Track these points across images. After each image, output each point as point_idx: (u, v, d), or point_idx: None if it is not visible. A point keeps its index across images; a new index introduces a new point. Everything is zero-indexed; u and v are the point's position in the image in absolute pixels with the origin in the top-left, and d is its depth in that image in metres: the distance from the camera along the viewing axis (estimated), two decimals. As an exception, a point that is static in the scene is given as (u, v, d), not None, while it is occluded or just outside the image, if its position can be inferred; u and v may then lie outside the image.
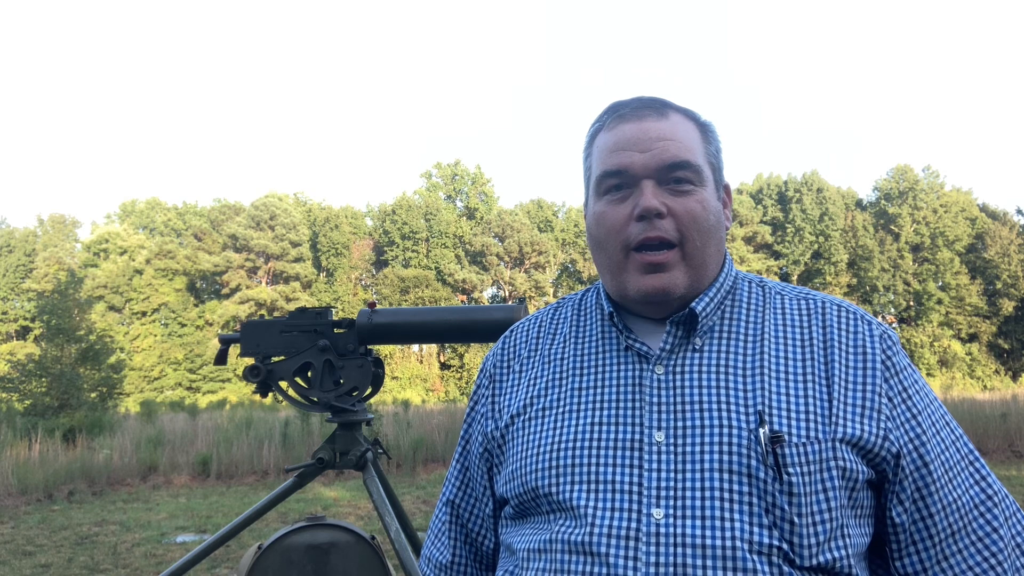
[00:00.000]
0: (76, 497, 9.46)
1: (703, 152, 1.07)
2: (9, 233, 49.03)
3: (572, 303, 1.20)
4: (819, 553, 0.92)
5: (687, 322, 1.04)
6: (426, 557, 1.25)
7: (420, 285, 44.79)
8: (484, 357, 1.25)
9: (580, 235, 49.97)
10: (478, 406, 1.19)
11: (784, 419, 0.95)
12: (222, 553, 5.98)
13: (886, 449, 0.97)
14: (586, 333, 1.13)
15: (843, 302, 1.09)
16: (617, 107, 1.10)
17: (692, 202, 1.03)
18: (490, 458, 1.13)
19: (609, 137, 1.08)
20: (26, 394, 14.85)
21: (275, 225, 47.39)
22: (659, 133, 1.04)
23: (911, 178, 47.66)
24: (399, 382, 41.64)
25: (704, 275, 1.05)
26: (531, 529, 1.03)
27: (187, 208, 52.96)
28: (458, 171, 52.75)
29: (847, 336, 1.03)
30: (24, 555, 6.35)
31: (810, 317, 1.06)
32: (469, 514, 1.20)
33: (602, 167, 1.07)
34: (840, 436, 0.95)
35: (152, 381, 44.46)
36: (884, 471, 0.98)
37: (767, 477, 0.92)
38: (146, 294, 46.60)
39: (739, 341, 1.03)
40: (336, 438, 2.84)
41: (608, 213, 1.06)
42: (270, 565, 2.50)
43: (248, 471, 11.02)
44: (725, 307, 1.07)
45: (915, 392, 1.02)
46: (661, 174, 1.03)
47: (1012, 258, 44.06)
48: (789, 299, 1.09)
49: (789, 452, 0.93)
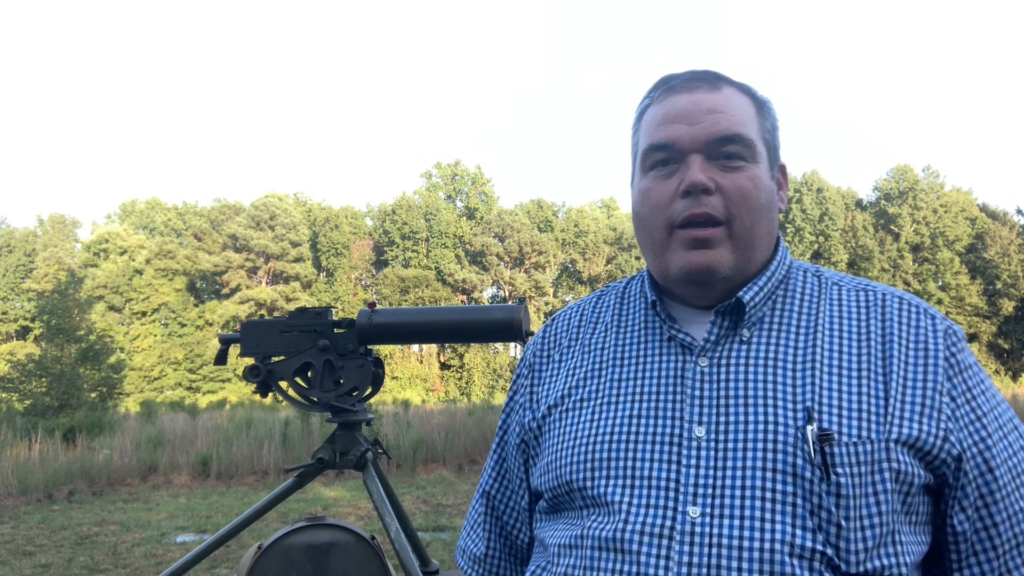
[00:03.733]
0: (76, 497, 9.46)
1: (757, 127, 1.01)
2: (9, 233, 49.01)
3: (616, 291, 1.14)
4: (867, 560, 0.86)
5: (734, 312, 0.98)
6: (461, 548, 1.21)
7: (420, 285, 44.78)
8: (525, 346, 1.20)
9: (580, 235, 49.95)
10: (517, 396, 1.15)
11: (835, 416, 0.90)
12: (222, 553, 5.98)
13: (946, 451, 0.90)
14: (628, 322, 1.07)
15: (905, 294, 1.01)
16: (668, 80, 1.04)
17: (743, 178, 0.97)
18: (527, 449, 1.10)
19: (658, 110, 1.01)
20: (26, 394, 14.82)
21: (275, 225, 47.37)
22: (710, 105, 0.98)
23: (911, 178, 47.65)
24: (399, 382, 41.61)
25: (752, 257, 0.99)
26: (564, 524, 0.99)
27: (187, 208, 52.95)
28: (458, 171, 52.74)
29: (908, 331, 0.96)
30: (24, 555, 6.34)
31: (868, 310, 0.99)
32: (505, 506, 1.16)
33: (648, 140, 1.01)
34: (895, 436, 0.89)
35: (152, 381, 44.45)
36: (944, 475, 0.91)
37: (813, 477, 0.86)
38: (146, 294, 46.58)
39: (790, 333, 0.97)
40: (336, 438, 2.84)
41: (653, 189, 1.00)
42: (270, 565, 2.50)
43: (248, 471, 11.01)
44: (777, 297, 1.01)
45: (980, 392, 0.95)
46: (710, 148, 0.97)
47: (1012, 258, 44.05)
48: (847, 290, 1.02)
49: (838, 451, 0.87)
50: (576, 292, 48.69)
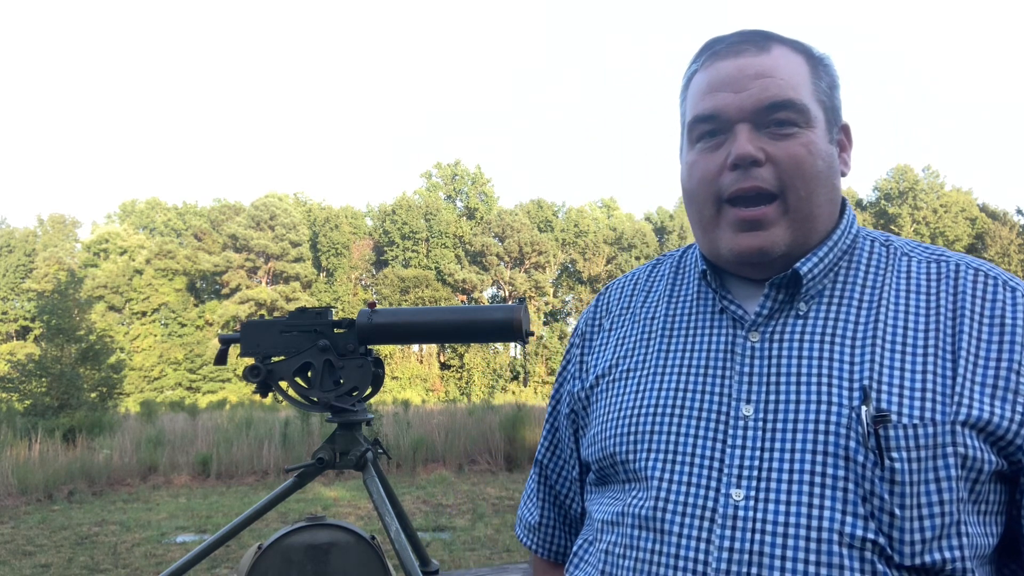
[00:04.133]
0: (76, 497, 9.46)
1: (811, 89, 0.93)
2: (9, 233, 49.02)
3: (672, 260, 1.10)
4: (925, 552, 0.80)
5: (790, 285, 0.92)
6: (519, 517, 1.22)
7: (420, 285, 44.79)
8: (580, 315, 1.18)
9: (580, 235, 49.94)
10: (569, 366, 1.12)
11: (894, 396, 0.83)
12: (222, 553, 5.98)
13: (1023, 436, 0.82)
14: (681, 292, 1.03)
15: (983, 263, 0.93)
16: (714, 43, 0.98)
17: (796, 146, 0.90)
18: (576, 419, 1.07)
19: (704, 77, 0.96)
20: (26, 394, 14.81)
21: (275, 225, 47.38)
22: (758, 70, 0.92)
23: (911, 178, 47.67)
24: (399, 382, 41.63)
25: (812, 230, 0.92)
26: (609, 498, 0.97)
27: (187, 208, 52.96)
28: (458, 171, 52.75)
29: (982, 304, 0.88)
30: (24, 555, 6.35)
31: (939, 282, 0.91)
32: (557, 476, 1.15)
33: (694, 112, 0.96)
34: (963, 419, 0.81)
35: (152, 381, 44.47)
36: (1020, 462, 0.84)
37: (867, 461, 0.81)
38: (146, 294, 46.60)
39: (851, 307, 0.90)
40: (336, 438, 2.83)
41: (699, 162, 0.95)
42: (270, 565, 2.50)
43: (248, 471, 11.01)
44: (840, 268, 0.94)
45: None
46: (759, 116, 0.91)
47: (1012, 258, 44.06)
48: (917, 261, 0.94)
49: (895, 434, 0.81)
50: (576, 292, 48.70)
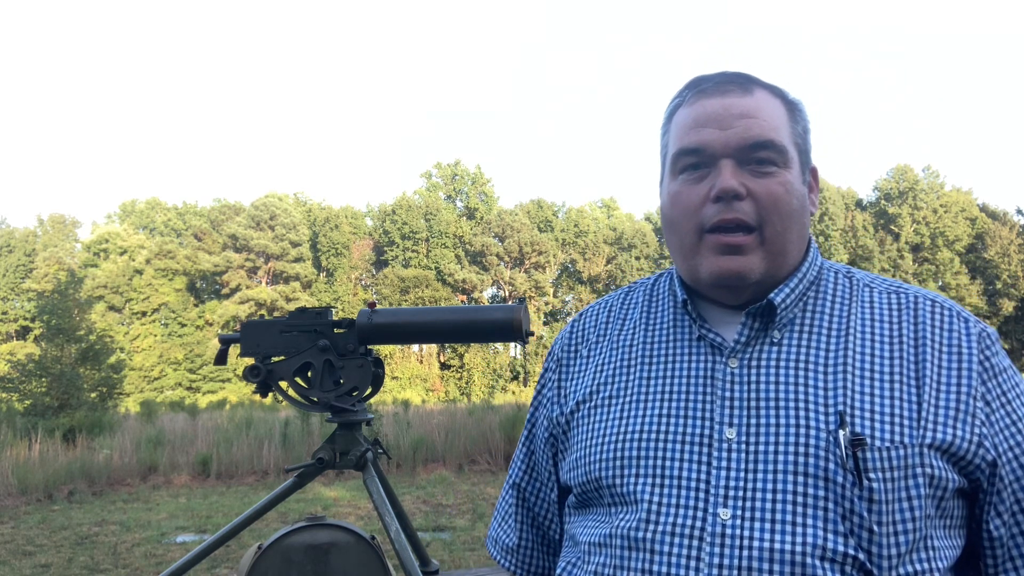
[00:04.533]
0: (76, 497, 9.46)
1: (789, 132, 1.00)
2: (9, 233, 49.02)
3: (644, 287, 1.15)
4: (899, 564, 0.86)
5: (765, 314, 0.98)
6: (492, 539, 1.22)
7: (420, 285, 44.79)
8: (553, 340, 1.23)
9: (580, 235, 49.94)
10: (544, 389, 1.16)
11: (867, 421, 0.89)
12: (222, 553, 5.98)
13: (980, 456, 0.90)
14: (657, 320, 1.08)
15: (938, 296, 1.01)
16: (699, 81, 1.03)
17: (775, 184, 0.96)
18: (555, 443, 1.11)
19: (689, 113, 1.01)
20: (26, 394, 14.81)
21: (275, 225, 47.39)
22: (742, 110, 0.98)
23: (911, 178, 47.67)
24: (399, 382, 41.63)
25: (784, 262, 0.99)
26: (594, 521, 1.00)
27: (187, 208, 52.96)
28: (458, 171, 52.75)
29: (941, 334, 0.96)
30: (24, 555, 6.35)
31: (900, 312, 0.98)
32: (535, 498, 1.17)
33: (679, 144, 1.01)
34: (929, 441, 0.88)
35: (152, 381, 44.47)
36: (978, 480, 0.91)
37: (845, 482, 0.86)
38: (146, 294, 46.60)
39: (821, 336, 0.97)
40: (336, 438, 2.83)
41: (683, 193, 1.00)
42: (270, 565, 2.50)
43: (248, 471, 11.01)
44: (808, 298, 1.00)
45: (1016, 396, 0.95)
46: (742, 154, 0.97)
47: (1012, 258, 44.07)
48: (878, 292, 1.02)
49: (871, 456, 0.87)
50: (576, 292, 48.70)
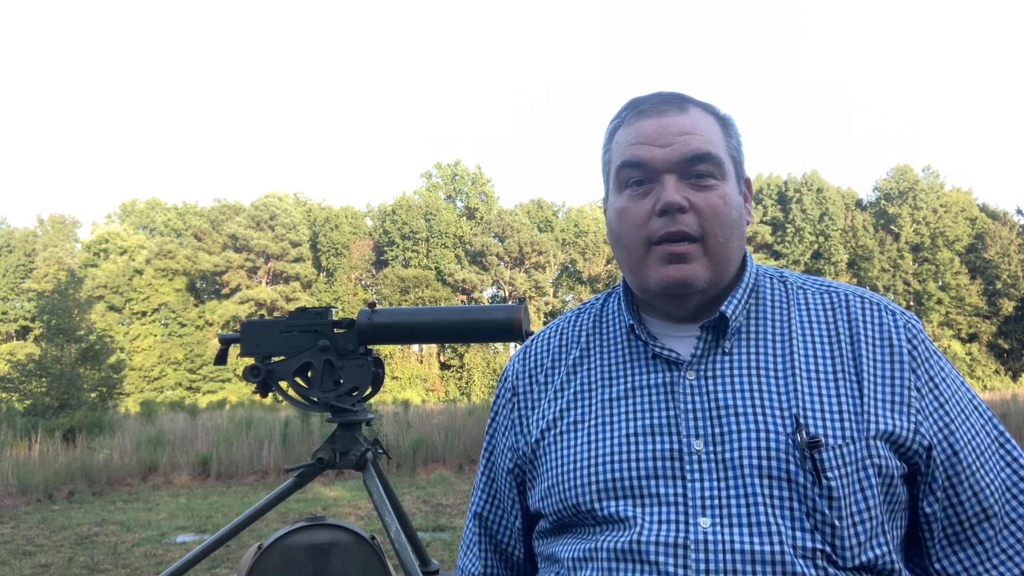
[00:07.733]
0: (76, 497, 9.46)
1: (724, 145, 1.05)
2: (9, 233, 49.01)
3: (593, 310, 1.18)
4: (861, 553, 0.92)
5: (717, 326, 1.02)
6: (460, 569, 1.26)
7: (420, 285, 44.78)
8: (505, 367, 1.23)
9: (580, 235, 49.94)
10: (499, 417, 1.18)
11: (819, 421, 0.95)
12: (222, 553, 5.98)
13: (918, 443, 0.96)
14: (609, 342, 1.11)
15: (866, 292, 1.07)
16: (636, 103, 1.08)
17: (714, 196, 1.01)
18: (521, 474, 1.12)
19: (628, 132, 1.06)
20: (26, 394, 14.82)
21: (275, 225, 47.37)
22: (680, 127, 1.02)
23: (911, 178, 47.65)
24: (399, 382, 41.62)
25: (726, 270, 1.04)
26: (575, 538, 1.02)
27: (187, 208, 52.95)
28: (458, 171, 52.74)
29: (873, 329, 1.02)
30: (24, 555, 6.34)
31: (835, 311, 1.04)
32: (498, 526, 1.20)
33: (622, 158, 1.05)
34: (873, 433, 0.94)
35: (152, 381, 44.45)
36: (916, 464, 0.97)
37: (806, 482, 0.92)
38: (146, 294, 46.58)
39: (767, 341, 1.02)
40: (336, 438, 2.84)
41: (630, 208, 1.04)
42: (270, 565, 2.50)
43: (248, 471, 11.01)
44: (750, 306, 1.05)
45: (941, 380, 1.01)
46: (683, 168, 1.01)
47: (1012, 258, 44.05)
48: (811, 293, 1.07)
49: (828, 456, 0.92)
50: (576, 292, 48.70)
